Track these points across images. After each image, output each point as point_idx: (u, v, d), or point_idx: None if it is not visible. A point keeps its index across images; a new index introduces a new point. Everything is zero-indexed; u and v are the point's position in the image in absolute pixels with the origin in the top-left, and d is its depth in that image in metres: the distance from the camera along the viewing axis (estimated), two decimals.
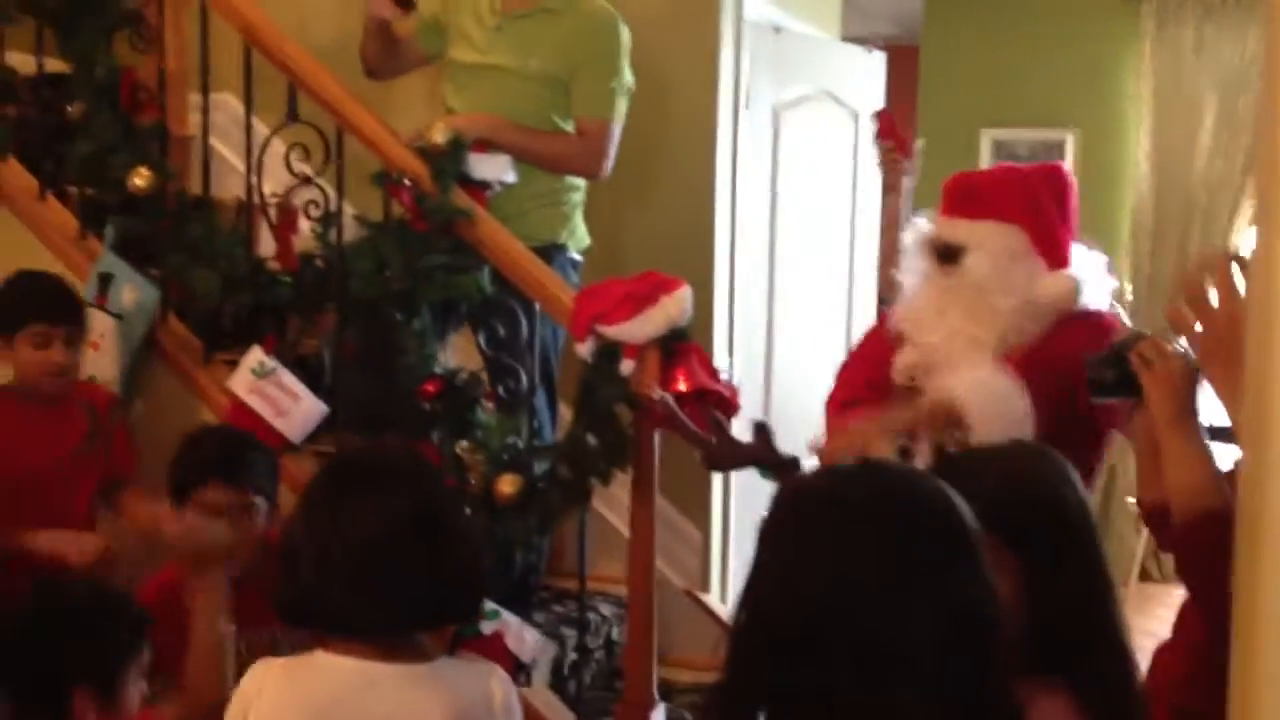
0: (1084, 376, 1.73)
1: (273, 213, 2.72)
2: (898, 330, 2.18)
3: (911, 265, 2.20)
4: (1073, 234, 2.17)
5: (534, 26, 2.86)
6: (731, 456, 2.38)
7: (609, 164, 2.93)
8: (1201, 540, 1.47)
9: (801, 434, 3.67)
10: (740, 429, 2.88)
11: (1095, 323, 2.10)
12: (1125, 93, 5.31)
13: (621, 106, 2.92)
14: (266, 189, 2.83)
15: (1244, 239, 4.87)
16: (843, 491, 1.08)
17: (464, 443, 2.57)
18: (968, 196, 2.15)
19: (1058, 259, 2.12)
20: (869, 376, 2.25)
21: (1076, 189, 2.19)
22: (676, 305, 2.47)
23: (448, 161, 2.63)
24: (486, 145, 2.76)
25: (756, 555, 1.11)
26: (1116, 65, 5.32)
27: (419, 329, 2.62)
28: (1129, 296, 4.99)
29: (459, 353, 2.92)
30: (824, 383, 3.85)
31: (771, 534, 1.10)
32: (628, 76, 2.92)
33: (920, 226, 2.19)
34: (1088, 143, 5.38)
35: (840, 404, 2.30)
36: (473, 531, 1.53)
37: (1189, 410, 1.55)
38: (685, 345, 2.51)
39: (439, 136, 2.65)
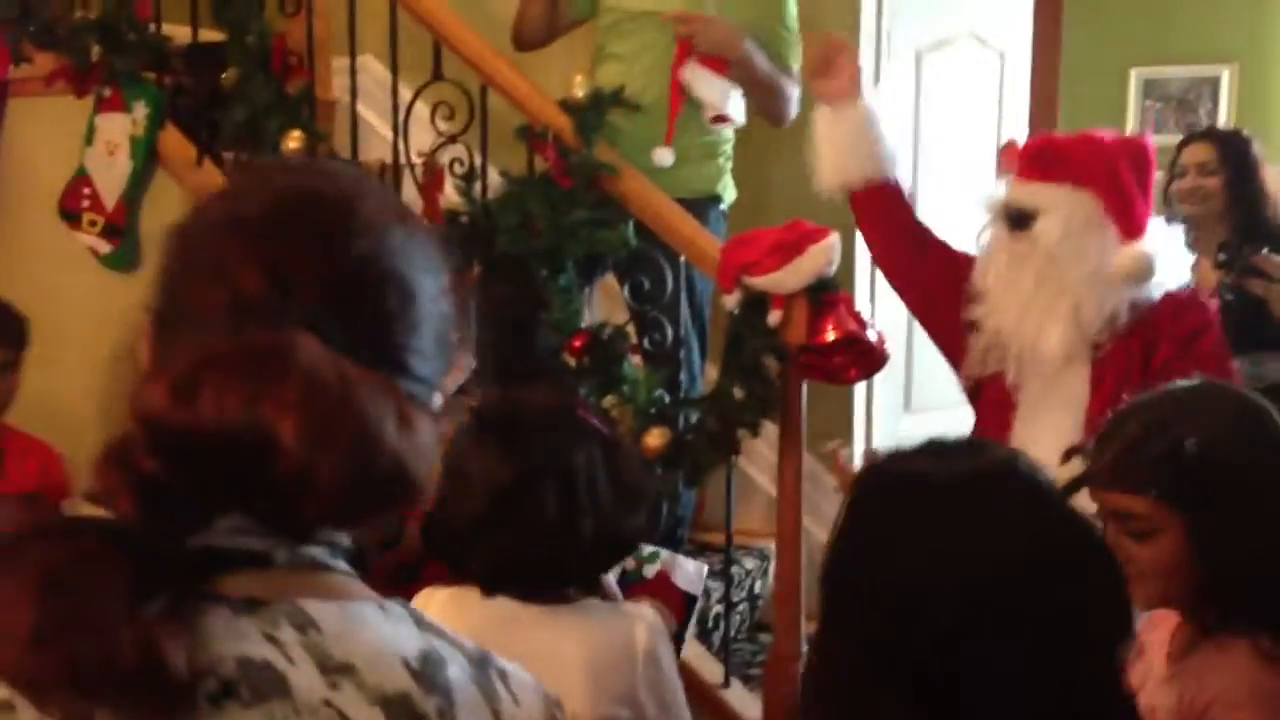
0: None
1: (419, 171, 2.76)
2: (973, 297, 2.12)
3: (986, 231, 2.14)
4: (1150, 209, 2.09)
5: None
6: None
7: (794, 115, 2.97)
8: None
9: (941, 387, 3.62)
10: (884, 377, 2.85)
11: (1189, 331, 2.02)
12: None
13: (799, 53, 2.92)
14: (412, 150, 2.87)
15: None
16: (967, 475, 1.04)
17: (611, 397, 2.59)
18: (1042, 159, 2.09)
19: (1132, 230, 2.04)
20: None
21: (1156, 164, 2.12)
22: (824, 254, 2.43)
23: (591, 115, 2.63)
24: (724, 67, 2.78)
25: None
26: None
27: (564, 284, 2.64)
28: None
29: (606, 305, 2.94)
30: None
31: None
32: (797, 23, 2.93)
33: (995, 190, 2.12)
34: (1247, 78, 5.11)
35: None
36: (611, 489, 1.50)
37: None
38: (834, 295, 2.47)
39: (580, 90, 2.66)
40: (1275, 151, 4.94)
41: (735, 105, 2.86)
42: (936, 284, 2.26)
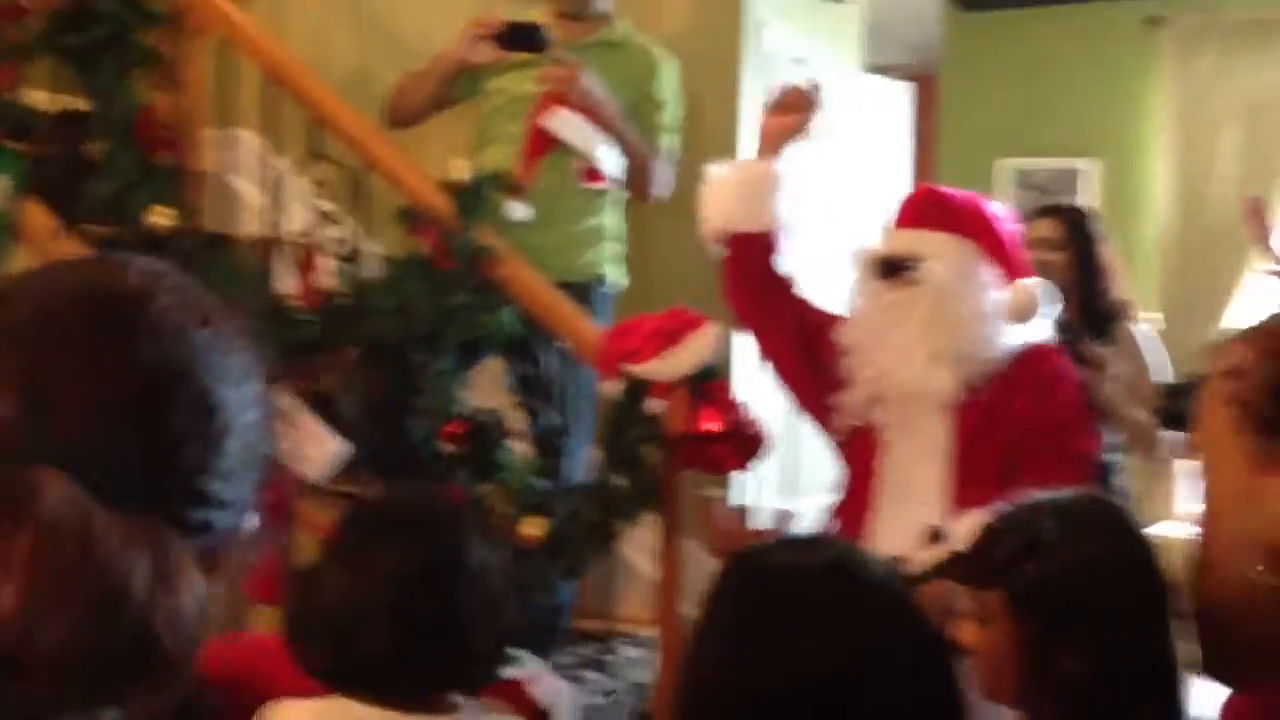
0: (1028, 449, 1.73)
1: (294, 250, 2.69)
2: (843, 352, 2.13)
3: (856, 285, 2.15)
4: (1023, 261, 2.16)
5: (594, 57, 2.86)
6: None
7: (665, 194, 2.97)
8: None
9: (826, 470, 3.64)
10: (768, 460, 2.85)
11: (1047, 378, 2.07)
12: (1147, 120, 5.27)
13: (678, 141, 2.97)
14: (290, 225, 2.80)
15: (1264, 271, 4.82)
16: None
17: (487, 485, 2.53)
18: (922, 209, 2.13)
19: (1013, 272, 2.10)
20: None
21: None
22: (704, 343, 2.43)
23: (473, 197, 2.60)
24: (589, 116, 2.79)
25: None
26: (1137, 93, 5.28)
27: (442, 369, 2.58)
28: (1162, 325, 4.93)
29: (490, 389, 2.88)
30: None
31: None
32: (676, 110, 2.97)
33: (865, 245, 2.15)
34: (1110, 172, 5.34)
35: None
36: (499, 586, 1.46)
37: None
38: (714, 383, 2.46)
39: (461, 173, 2.63)
40: (1139, 240, 5.18)
41: (605, 158, 2.85)
42: (798, 336, 2.25)
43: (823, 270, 3.70)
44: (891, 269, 2.08)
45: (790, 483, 3.63)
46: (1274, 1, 4.60)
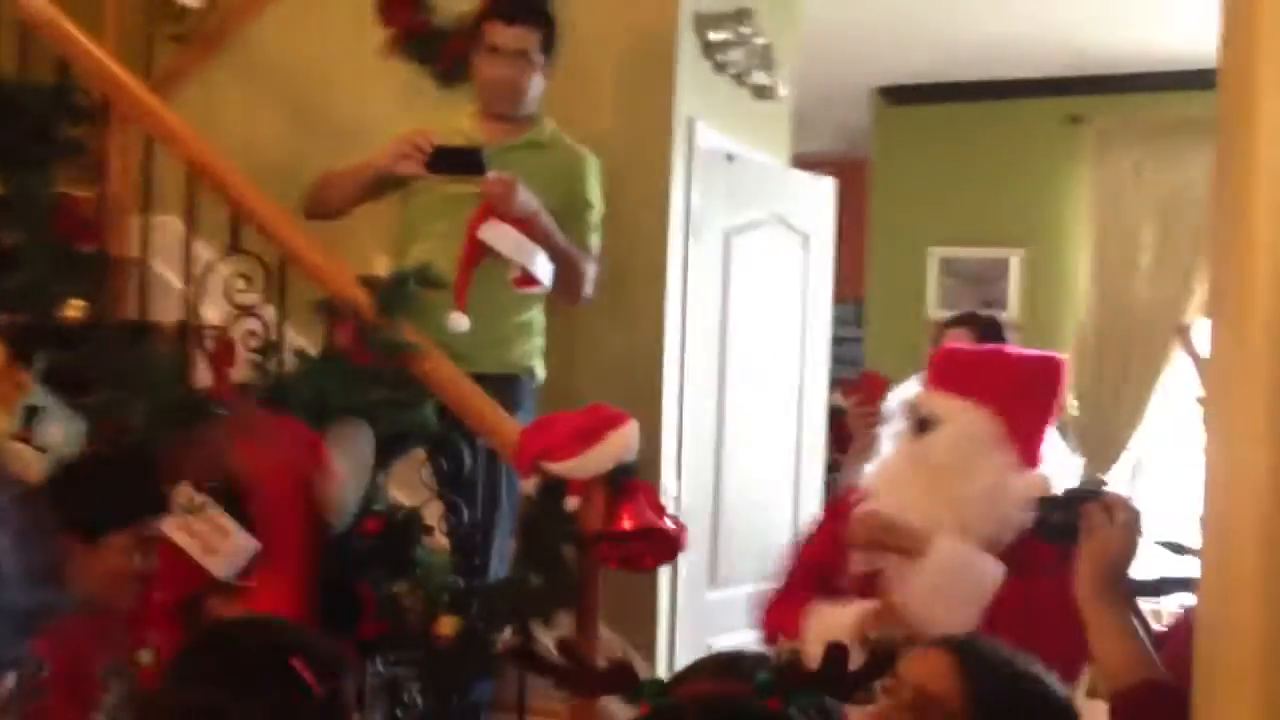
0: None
1: (210, 343, 2.67)
2: (867, 492, 2.10)
3: (892, 429, 2.13)
4: (1051, 430, 2.10)
5: (521, 159, 2.88)
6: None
7: (591, 293, 3.03)
8: (1140, 713, 1.45)
9: (747, 562, 3.64)
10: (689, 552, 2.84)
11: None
12: (1069, 214, 5.42)
13: (599, 240, 3.01)
14: (209, 315, 2.78)
15: (1182, 364, 4.94)
16: None
17: (403, 583, 2.51)
18: (949, 370, 2.10)
19: (1031, 454, 2.03)
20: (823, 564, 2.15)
21: (1066, 380, 2.15)
22: (623, 441, 2.44)
23: (395, 292, 2.60)
24: (525, 228, 2.80)
25: None
26: (1060, 187, 5.43)
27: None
28: (1074, 413, 5.02)
29: (409, 484, 2.86)
30: (773, 510, 3.84)
31: None
32: (601, 205, 3.01)
33: (908, 390, 2.13)
34: (1033, 262, 5.47)
35: (791, 600, 2.14)
36: None
37: (1115, 586, 1.54)
38: (632, 482, 2.47)
39: (381, 269, 2.64)
40: (1060, 328, 5.30)
41: (540, 266, 2.87)
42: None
43: (755, 372, 3.77)
44: (918, 423, 2.05)
45: (712, 576, 3.64)
46: (1188, 103, 4.77)
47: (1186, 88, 4.73)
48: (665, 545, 2.48)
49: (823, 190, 4.06)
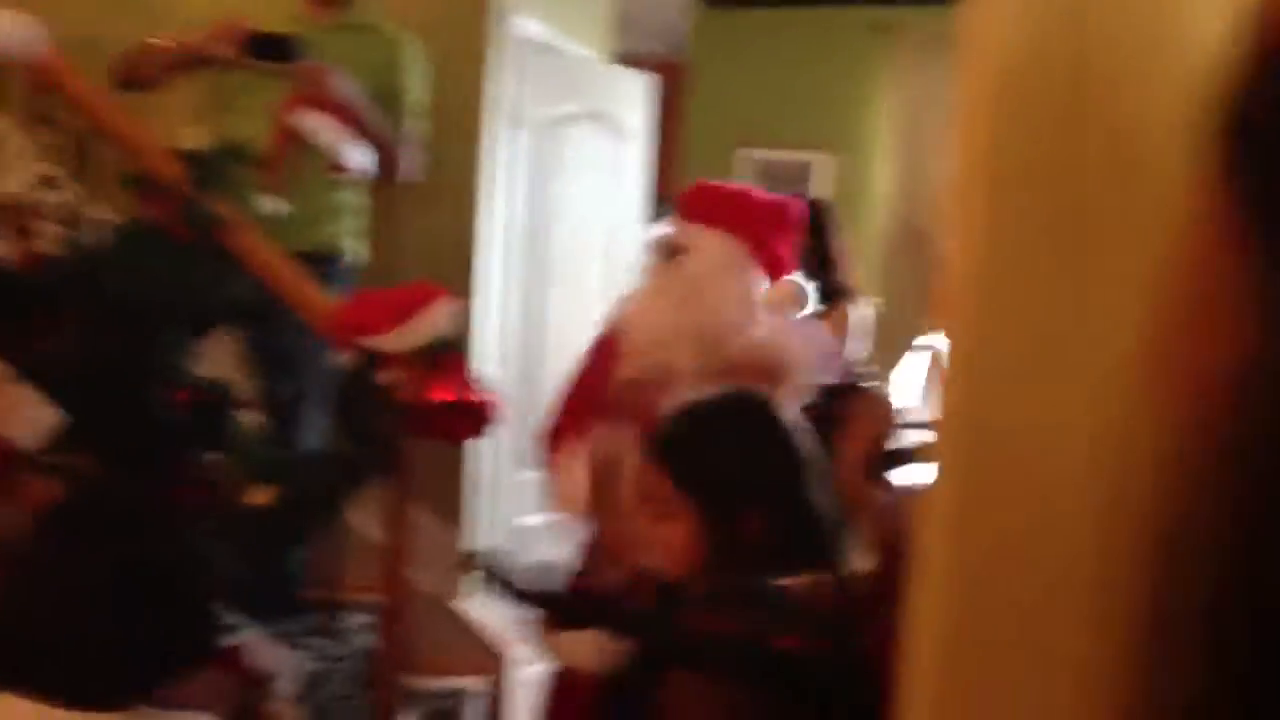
0: None
1: (13, 213, 2.61)
2: (621, 326, 2.27)
3: (646, 265, 2.30)
4: (794, 265, 2.31)
5: (341, 40, 2.88)
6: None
7: (412, 177, 3.07)
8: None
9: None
10: (504, 433, 2.96)
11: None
12: (874, 119, 5.67)
13: (423, 124, 3.04)
14: (7, 188, 2.70)
15: None
16: None
17: (218, 455, 2.55)
18: (697, 203, 2.28)
19: (777, 272, 2.24)
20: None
21: (803, 227, 2.35)
22: (438, 317, 2.52)
23: (210, 167, 2.60)
24: (339, 115, 2.80)
25: None
26: (865, 94, 5.66)
27: (173, 338, 2.58)
28: (882, 308, 5.31)
29: (222, 359, 2.88)
30: None
31: None
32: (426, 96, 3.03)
33: (659, 229, 2.31)
34: (841, 166, 5.72)
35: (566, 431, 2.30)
36: (202, 576, 1.46)
37: (873, 467, 1.74)
38: (446, 356, 2.56)
39: (195, 141, 2.62)
40: (864, 228, 5.57)
41: (355, 154, 2.90)
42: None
43: (571, 264, 3.87)
44: (668, 252, 2.23)
45: (522, 452, 3.77)
46: None
47: None
48: (478, 417, 2.59)
49: (641, 87, 4.15)
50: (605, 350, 2.33)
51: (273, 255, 2.65)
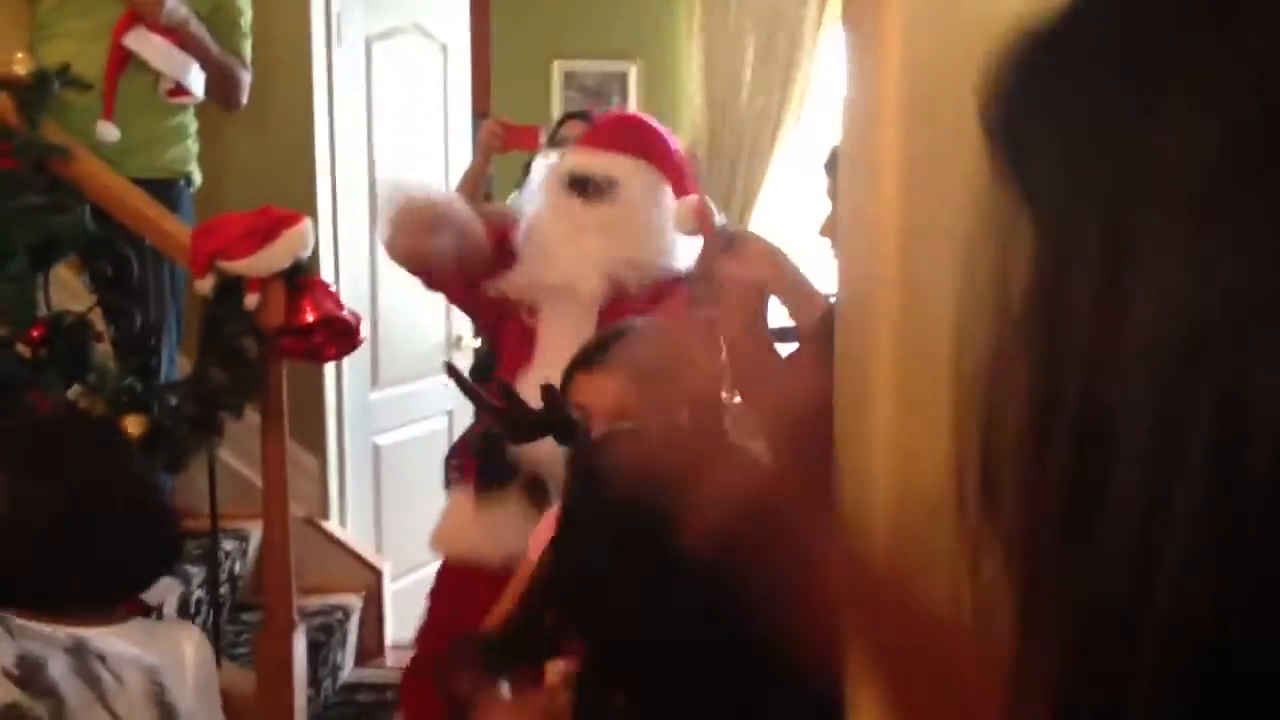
0: None
1: None
2: (520, 248, 2.35)
3: (540, 197, 2.36)
4: (690, 182, 2.43)
5: None
6: (527, 426, 1.93)
7: (245, 100, 3.04)
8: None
9: (407, 361, 3.82)
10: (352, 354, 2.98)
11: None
12: (680, 28, 5.77)
13: (249, 41, 3.00)
14: None
15: (782, 167, 5.49)
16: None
17: (78, 387, 2.49)
18: (619, 134, 2.36)
19: (684, 190, 2.37)
20: None
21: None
22: (299, 238, 2.51)
23: (37, 94, 2.49)
24: (175, 37, 2.73)
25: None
26: (671, 2, 5.76)
27: (14, 272, 2.49)
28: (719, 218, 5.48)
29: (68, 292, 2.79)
30: (425, 309, 4.02)
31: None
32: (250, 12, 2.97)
33: (557, 159, 2.36)
34: (649, 75, 5.81)
35: None
36: (151, 494, 1.51)
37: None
38: (309, 278, 2.56)
39: (21, 68, 2.51)
40: (682, 137, 5.69)
41: (192, 77, 2.83)
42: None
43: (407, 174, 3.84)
44: (586, 186, 2.27)
45: (375, 375, 3.79)
46: None
47: None
48: (346, 336, 2.61)
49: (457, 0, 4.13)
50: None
51: (115, 183, 2.58)
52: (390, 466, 3.84)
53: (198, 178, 3.00)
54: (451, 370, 1.78)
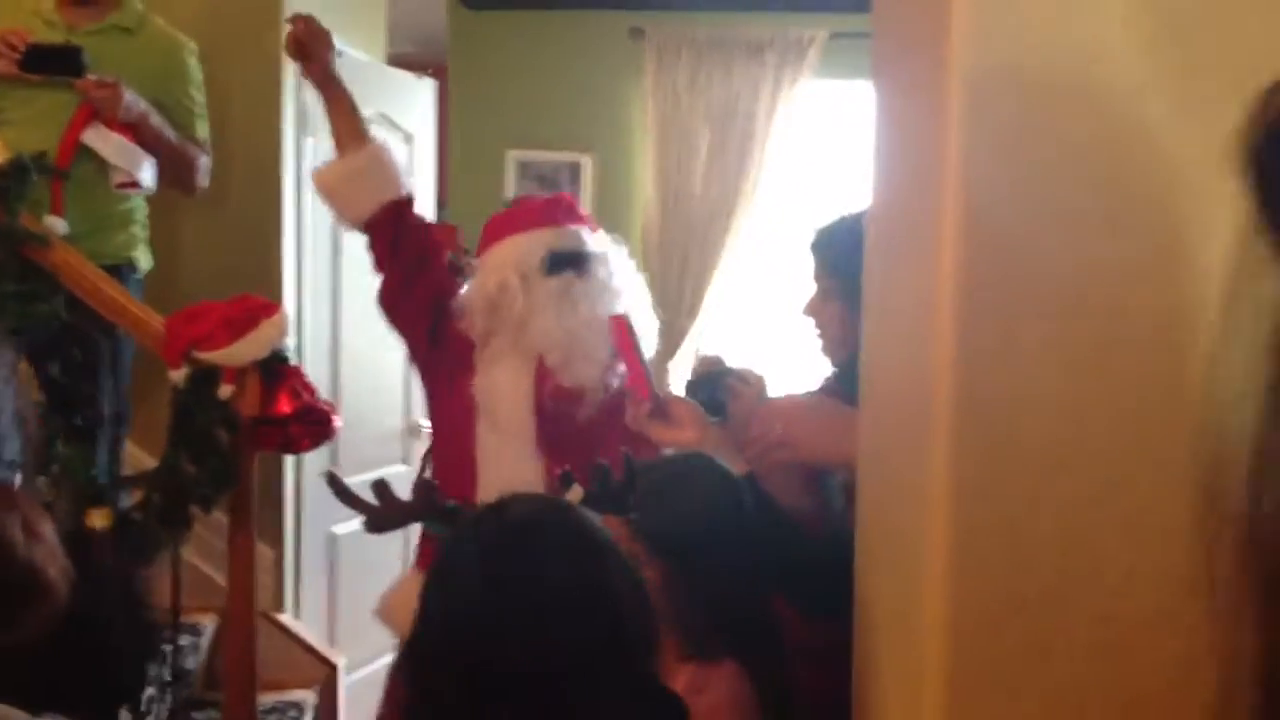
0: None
1: None
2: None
3: (512, 271, 2.34)
4: None
5: (108, 44, 2.78)
6: (398, 515, 1.95)
7: (207, 182, 3.03)
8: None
9: (370, 449, 3.78)
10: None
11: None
12: (633, 121, 5.87)
13: (206, 123, 2.98)
14: None
15: (734, 258, 5.57)
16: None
17: (42, 480, 2.44)
18: (572, 209, 2.43)
19: None
20: None
21: None
22: (276, 328, 2.51)
23: (12, 182, 2.48)
24: (131, 132, 2.71)
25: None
26: (625, 95, 5.86)
27: None
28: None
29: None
30: (387, 396, 3.99)
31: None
32: (204, 95, 2.95)
33: (554, 237, 2.36)
34: (602, 166, 5.89)
35: None
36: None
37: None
38: (285, 367, 2.55)
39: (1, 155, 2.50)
40: (628, 227, 5.77)
41: (144, 170, 2.82)
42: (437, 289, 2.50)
43: (368, 267, 3.83)
44: (575, 262, 2.32)
45: (334, 462, 3.74)
46: (736, 22, 5.33)
47: (734, 9, 5.31)
48: (321, 426, 2.59)
49: (424, 90, 4.18)
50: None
51: (91, 271, 2.55)
52: (347, 556, 3.78)
53: (144, 263, 2.99)
54: (332, 479, 1.79)
